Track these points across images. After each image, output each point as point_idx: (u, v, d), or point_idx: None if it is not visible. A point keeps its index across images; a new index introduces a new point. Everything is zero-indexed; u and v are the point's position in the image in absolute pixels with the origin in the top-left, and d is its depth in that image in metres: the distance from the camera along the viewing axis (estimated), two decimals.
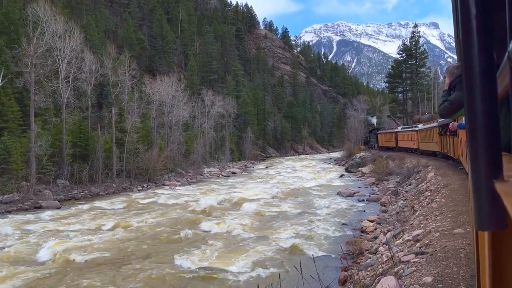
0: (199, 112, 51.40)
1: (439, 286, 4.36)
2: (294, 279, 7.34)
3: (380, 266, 6.59)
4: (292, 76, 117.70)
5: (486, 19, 0.61)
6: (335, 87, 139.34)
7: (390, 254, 6.40)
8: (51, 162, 24.71)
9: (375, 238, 10.71)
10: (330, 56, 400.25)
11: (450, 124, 12.11)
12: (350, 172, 37.40)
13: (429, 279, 4.54)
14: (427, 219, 8.60)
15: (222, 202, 20.32)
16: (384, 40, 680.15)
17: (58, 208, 20.22)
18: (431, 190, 12.97)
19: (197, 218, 16.07)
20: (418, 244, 6.67)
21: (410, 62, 61.27)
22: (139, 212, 18.26)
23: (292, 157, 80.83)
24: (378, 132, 52.47)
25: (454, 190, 11.21)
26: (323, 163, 54.78)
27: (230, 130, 62.01)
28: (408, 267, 5.39)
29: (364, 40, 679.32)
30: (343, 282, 7.36)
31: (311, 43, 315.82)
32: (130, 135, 30.85)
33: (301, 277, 5.82)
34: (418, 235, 7.30)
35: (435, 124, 23.51)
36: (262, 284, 7.42)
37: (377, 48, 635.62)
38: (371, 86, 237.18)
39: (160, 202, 21.40)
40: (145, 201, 21.81)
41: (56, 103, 28.64)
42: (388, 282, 4.83)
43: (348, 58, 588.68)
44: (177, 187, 29.26)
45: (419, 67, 61.23)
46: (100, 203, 21.07)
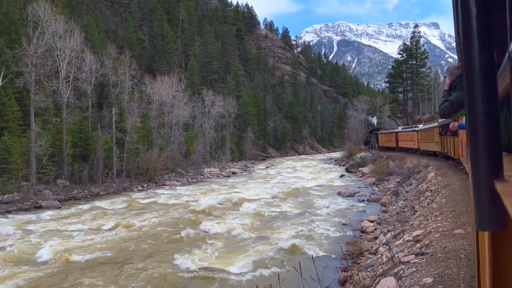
0: (199, 112, 51.41)
1: (439, 287, 4.35)
2: (294, 280, 7.32)
3: (380, 266, 6.57)
4: (292, 76, 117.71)
5: (486, 19, 0.61)
6: (335, 87, 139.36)
7: (390, 255, 6.38)
8: (51, 162, 24.71)
9: (375, 238, 10.69)
10: (331, 56, 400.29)
11: (451, 124, 12.11)
12: (350, 172, 37.39)
13: (429, 280, 4.53)
14: (427, 220, 8.58)
15: (222, 202, 20.30)
16: (385, 40, 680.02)
17: (58, 208, 20.22)
18: (431, 191, 12.95)
19: (197, 218, 16.06)
20: (418, 245, 6.65)
21: (410, 62, 61.25)
22: (140, 212, 18.25)
23: (292, 157, 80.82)
24: (379, 132, 52.44)
25: (454, 190, 11.19)
26: (324, 163, 54.76)
27: (230, 130, 62.02)
28: (408, 268, 5.37)
29: (364, 40, 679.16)
30: (343, 283, 7.34)
31: (311, 43, 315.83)
32: (130, 135, 30.85)
33: (301, 277, 5.80)
34: (418, 235, 7.28)
35: (436, 124, 23.49)
36: (262, 284, 7.41)
37: (377, 48, 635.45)
38: (372, 86, 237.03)
39: (160, 202, 21.39)
40: (145, 201, 21.80)
41: (56, 103, 28.66)
42: (388, 283, 4.81)
43: (349, 58, 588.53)
44: (177, 187, 29.25)
45: (419, 67, 61.22)
46: (100, 203, 21.06)
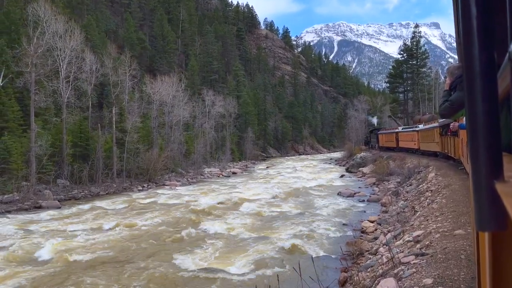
0: (199, 112, 51.40)
1: None
2: (294, 280, 7.30)
3: (380, 267, 6.55)
4: (293, 76, 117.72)
5: (486, 19, 0.61)
6: (336, 87, 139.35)
7: (390, 255, 6.36)
8: (51, 162, 24.70)
9: (375, 238, 10.66)
10: (331, 56, 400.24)
11: (451, 124, 12.07)
12: (350, 172, 37.36)
13: (429, 281, 4.51)
14: (427, 220, 8.56)
15: (222, 202, 20.27)
16: (385, 40, 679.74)
17: (58, 208, 20.20)
18: (431, 191, 12.92)
19: (197, 218, 16.04)
20: (418, 245, 6.63)
21: (411, 62, 61.19)
22: (140, 212, 18.24)
23: (292, 157, 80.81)
24: (379, 132, 52.40)
25: (455, 190, 11.17)
26: (324, 163, 54.74)
27: (230, 130, 62.01)
28: (408, 269, 5.35)
29: (365, 40, 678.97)
30: (342, 283, 7.32)
31: (312, 43, 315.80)
32: (131, 135, 30.83)
33: (300, 278, 5.78)
34: (418, 236, 7.26)
35: (436, 124, 23.46)
36: (261, 285, 7.39)
37: (378, 48, 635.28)
38: (372, 86, 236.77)
39: (160, 202, 21.37)
40: (145, 201, 21.78)
41: (56, 103, 28.66)
42: (388, 284, 4.79)
43: (349, 58, 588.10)
44: (177, 187, 29.23)
45: (420, 67, 61.17)
46: (100, 203, 21.04)
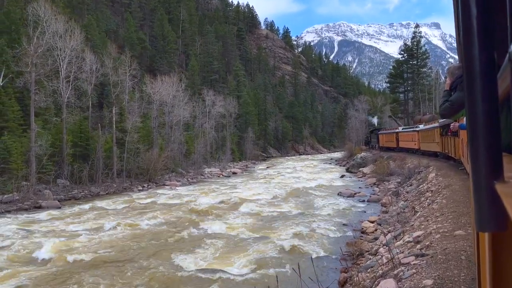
0: (200, 112, 51.39)
1: None
2: (293, 281, 7.28)
3: (380, 268, 6.52)
4: (293, 76, 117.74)
5: (486, 19, 0.61)
6: (336, 87, 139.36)
7: (390, 256, 6.34)
8: (51, 161, 24.69)
9: (376, 239, 10.63)
10: (332, 56, 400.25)
11: (451, 124, 12.06)
12: (351, 172, 37.33)
13: (429, 282, 4.48)
14: (427, 220, 8.54)
15: (222, 202, 20.26)
16: (386, 41, 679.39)
17: (58, 208, 20.19)
18: (432, 191, 12.89)
19: (197, 218, 16.03)
20: (418, 246, 6.61)
21: (411, 63, 61.13)
22: (140, 212, 18.22)
23: (293, 157, 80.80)
24: (379, 132, 52.38)
25: (455, 191, 11.15)
26: (324, 163, 54.71)
27: (231, 130, 62.00)
28: (408, 270, 5.32)
29: (365, 40, 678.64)
30: (342, 284, 7.29)
31: (312, 43, 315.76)
32: (131, 135, 30.82)
33: (300, 278, 5.76)
34: (418, 236, 7.23)
35: (436, 124, 23.44)
36: (261, 285, 7.37)
37: (378, 48, 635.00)
38: (373, 86, 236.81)
39: (160, 202, 21.35)
40: (145, 201, 21.77)
41: (56, 102, 28.65)
42: (388, 285, 4.77)
43: (350, 58, 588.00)
44: (177, 187, 29.21)
45: (420, 67, 61.10)
46: (100, 203, 21.03)
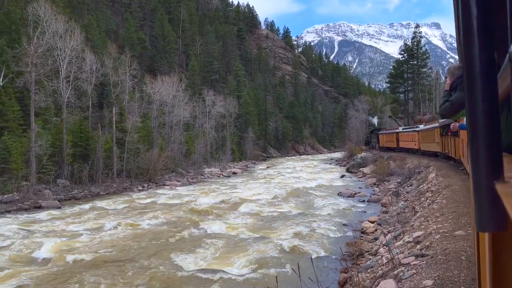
0: (200, 112, 51.38)
1: None
2: (293, 281, 7.27)
3: (380, 268, 6.51)
4: (293, 76, 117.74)
5: (487, 19, 0.61)
6: (336, 87, 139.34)
7: (390, 256, 6.33)
8: (51, 161, 24.68)
9: (376, 239, 10.62)
10: (332, 56, 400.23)
11: (452, 124, 12.05)
12: (351, 172, 37.31)
13: (429, 283, 4.47)
14: (427, 221, 8.52)
15: (222, 202, 20.24)
16: (386, 41, 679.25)
17: (58, 208, 20.18)
18: (432, 191, 12.88)
19: (197, 218, 16.01)
20: (418, 246, 6.60)
21: (411, 63, 61.11)
22: (140, 212, 18.21)
23: (293, 157, 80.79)
24: (379, 132, 52.36)
25: (455, 191, 11.13)
26: (324, 164, 54.70)
27: (231, 130, 61.98)
28: (408, 270, 5.31)
29: (365, 41, 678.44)
30: (342, 284, 7.28)
31: (312, 43, 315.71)
32: (131, 135, 30.81)
33: (300, 279, 5.75)
34: (418, 236, 7.22)
35: (437, 124, 23.43)
36: (260, 285, 7.36)
37: (378, 49, 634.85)
38: (373, 86, 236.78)
39: (160, 202, 21.34)
40: (145, 201, 21.75)
41: (56, 102, 28.65)
42: (388, 285, 4.76)
43: (350, 58, 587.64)
44: (177, 187, 29.20)
45: (420, 68, 61.08)
46: (100, 203, 21.01)
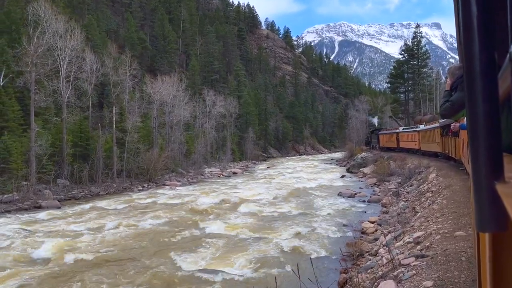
0: (200, 112, 51.38)
1: None
2: (293, 281, 7.24)
3: (380, 269, 6.49)
4: (293, 76, 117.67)
5: (487, 19, 0.61)
6: (336, 87, 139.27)
7: (390, 257, 6.31)
8: (51, 161, 24.67)
9: (376, 239, 10.60)
10: (332, 57, 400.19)
11: (452, 124, 12.03)
12: (351, 172, 37.28)
13: (429, 284, 4.44)
14: (428, 221, 8.50)
15: (222, 202, 20.22)
16: (386, 41, 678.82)
17: (58, 208, 20.17)
18: (432, 191, 12.85)
19: (197, 218, 16.00)
20: (418, 247, 6.57)
21: (412, 63, 61.04)
22: (140, 212, 18.20)
23: (293, 157, 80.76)
24: (380, 132, 52.33)
25: (455, 191, 11.11)
26: (325, 164, 54.67)
27: (231, 130, 61.97)
28: (408, 271, 5.28)
29: (366, 41, 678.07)
30: (342, 285, 7.25)
31: (313, 43, 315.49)
32: (131, 134, 30.80)
33: (299, 280, 5.72)
34: (418, 237, 7.20)
35: (437, 124, 23.40)
36: (260, 286, 7.34)
37: (379, 49, 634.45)
38: (373, 86, 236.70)
39: (160, 202, 21.32)
40: (145, 201, 21.74)
41: (56, 102, 28.65)
42: (388, 286, 4.74)
43: (350, 59, 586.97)
44: (177, 187, 29.18)
45: (421, 68, 61.00)
46: (100, 203, 21.00)
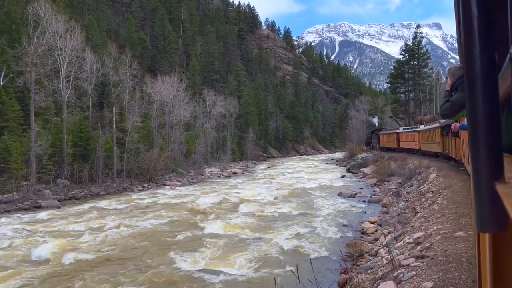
0: (200, 112, 51.37)
1: None
2: (292, 282, 7.22)
3: (380, 269, 6.47)
4: (294, 77, 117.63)
5: (487, 20, 0.61)
6: (337, 87, 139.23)
7: (390, 257, 6.28)
8: (51, 161, 24.67)
9: (376, 240, 10.58)
10: (333, 57, 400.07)
11: (452, 125, 12.02)
12: (351, 172, 37.26)
13: (429, 285, 4.42)
14: (428, 221, 8.48)
15: (223, 203, 20.21)
16: (387, 41, 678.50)
17: (58, 207, 20.16)
18: (432, 192, 12.83)
19: (197, 218, 15.98)
20: (418, 247, 6.55)
21: (412, 63, 61.01)
22: (140, 212, 18.18)
23: (293, 157, 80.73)
24: (380, 132, 52.30)
25: (456, 191, 11.09)
26: (325, 164, 54.65)
27: (231, 130, 61.94)
28: (408, 272, 5.26)
29: (366, 41, 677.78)
30: (342, 286, 7.23)
31: (313, 44, 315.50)
32: (131, 134, 30.78)
33: (298, 280, 5.70)
34: (419, 237, 7.17)
35: (437, 125, 23.37)
36: (260, 286, 7.31)
37: (379, 49, 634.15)
38: (373, 86, 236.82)
39: (160, 202, 21.30)
40: (145, 201, 21.71)
41: (56, 102, 28.65)
42: (387, 287, 4.71)
43: (351, 59, 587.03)
44: (178, 187, 29.16)
45: (421, 68, 60.98)
46: (100, 203, 20.99)
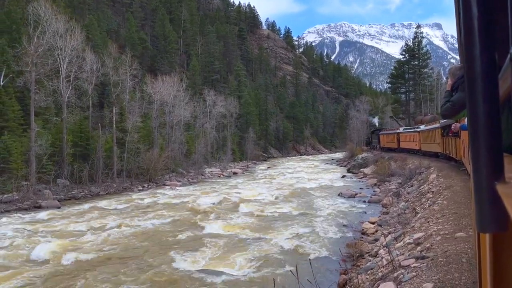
0: (200, 112, 51.36)
1: None
2: (292, 282, 7.20)
3: (380, 270, 6.45)
4: (294, 77, 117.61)
5: (488, 20, 0.62)
6: (337, 87, 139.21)
7: (390, 258, 6.26)
8: (51, 161, 24.66)
9: (376, 240, 10.56)
10: (333, 57, 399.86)
11: (452, 125, 12.00)
12: (352, 173, 37.24)
13: (429, 286, 4.40)
14: (428, 222, 8.46)
15: (223, 203, 20.20)
16: (387, 41, 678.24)
17: (58, 207, 20.15)
18: (433, 192, 12.81)
19: (197, 218, 15.97)
20: (419, 248, 6.53)
21: (412, 63, 60.98)
22: (140, 212, 18.17)
23: (294, 157, 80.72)
24: (380, 133, 52.27)
25: (456, 192, 11.06)
26: (325, 164, 54.64)
27: (232, 130, 61.92)
28: (408, 272, 5.24)
29: (367, 41, 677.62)
30: (342, 286, 7.21)
31: (313, 44, 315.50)
32: (131, 134, 30.77)
33: (298, 281, 5.68)
34: (419, 238, 7.15)
35: (437, 125, 23.35)
36: (259, 286, 7.29)
37: (380, 49, 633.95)
38: (374, 86, 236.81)
39: (160, 202, 21.30)
40: (145, 201, 21.70)
41: (56, 102, 28.64)
42: None
43: (351, 59, 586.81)
44: (178, 187, 29.15)
45: (421, 68, 60.95)
46: (100, 203, 20.98)
